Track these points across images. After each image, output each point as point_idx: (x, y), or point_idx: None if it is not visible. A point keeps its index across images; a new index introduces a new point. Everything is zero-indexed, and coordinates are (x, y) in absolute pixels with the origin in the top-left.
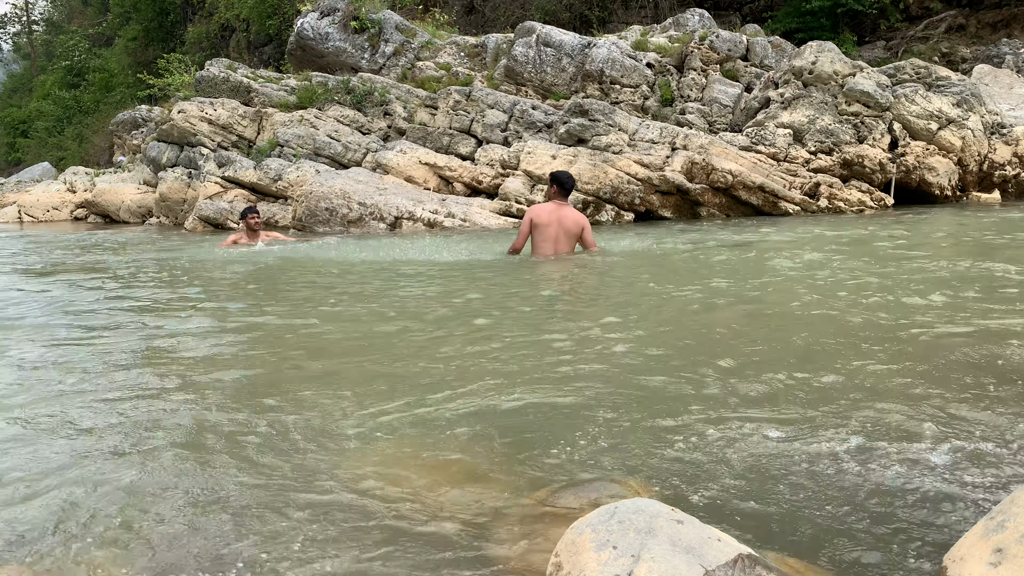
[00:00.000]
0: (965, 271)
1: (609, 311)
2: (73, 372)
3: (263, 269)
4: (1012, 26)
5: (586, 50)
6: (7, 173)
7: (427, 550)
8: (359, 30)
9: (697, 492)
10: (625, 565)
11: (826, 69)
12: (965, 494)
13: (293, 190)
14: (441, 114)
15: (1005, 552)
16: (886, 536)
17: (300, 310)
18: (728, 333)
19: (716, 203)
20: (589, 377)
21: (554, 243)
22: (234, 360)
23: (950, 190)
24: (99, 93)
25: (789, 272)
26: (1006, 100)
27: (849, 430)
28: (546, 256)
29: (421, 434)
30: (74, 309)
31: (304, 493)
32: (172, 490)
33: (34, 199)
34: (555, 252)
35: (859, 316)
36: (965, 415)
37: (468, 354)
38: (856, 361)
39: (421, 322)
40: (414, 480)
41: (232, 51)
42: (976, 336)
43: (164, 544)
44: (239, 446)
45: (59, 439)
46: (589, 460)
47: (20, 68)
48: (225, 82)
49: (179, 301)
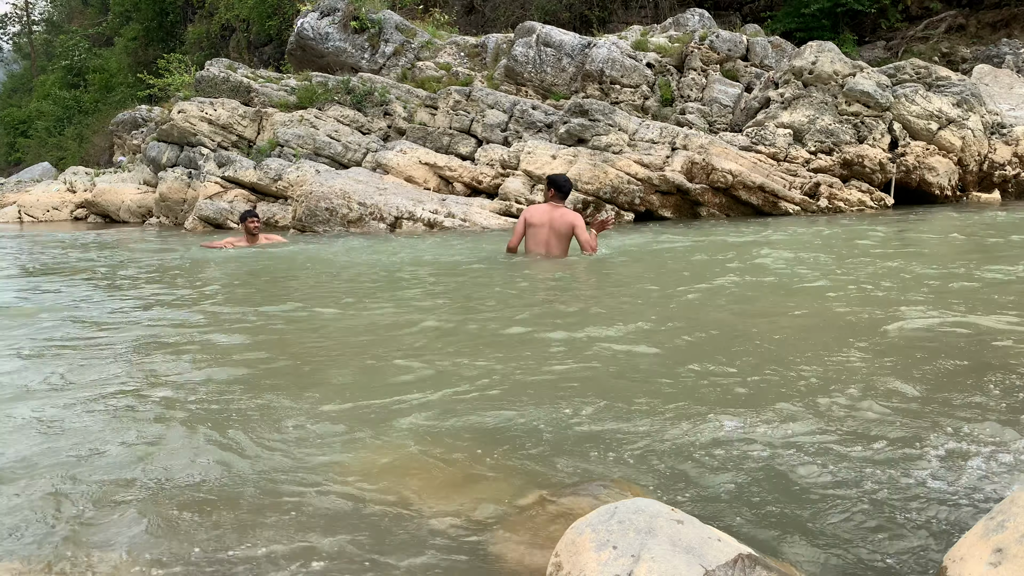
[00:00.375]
0: (964, 270)
1: (607, 311)
2: (70, 371)
3: (257, 270)
4: (1012, 26)
5: (586, 50)
6: (7, 173)
7: (427, 550)
8: (359, 30)
9: (697, 492)
10: (625, 565)
11: (826, 69)
12: (965, 494)
13: (293, 190)
14: (441, 114)
15: (1005, 552)
16: (886, 536)
17: (295, 311)
18: (727, 333)
19: (716, 203)
20: (588, 377)
21: (545, 244)
22: (231, 360)
23: (950, 190)
24: (99, 93)
25: (789, 271)
26: (1006, 100)
27: (848, 430)
28: (538, 256)
29: (420, 435)
30: (59, 307)
31: (302, 494)
32: (168, 489)
33: (34, 199)
34: (547, 252)
35: (858, 316)
36: (965, 415)
37: (466, 355)
38: (855, 361)
39: (418, 323)
40: (413, 481)
41: (232, 51)
42: (976, 336)
43: (163, 543)
44: (235, 448)
45: (51, 436)
46: (589, 460)
47: (20, 68)
48: (225, 82)
49: (166, 301)
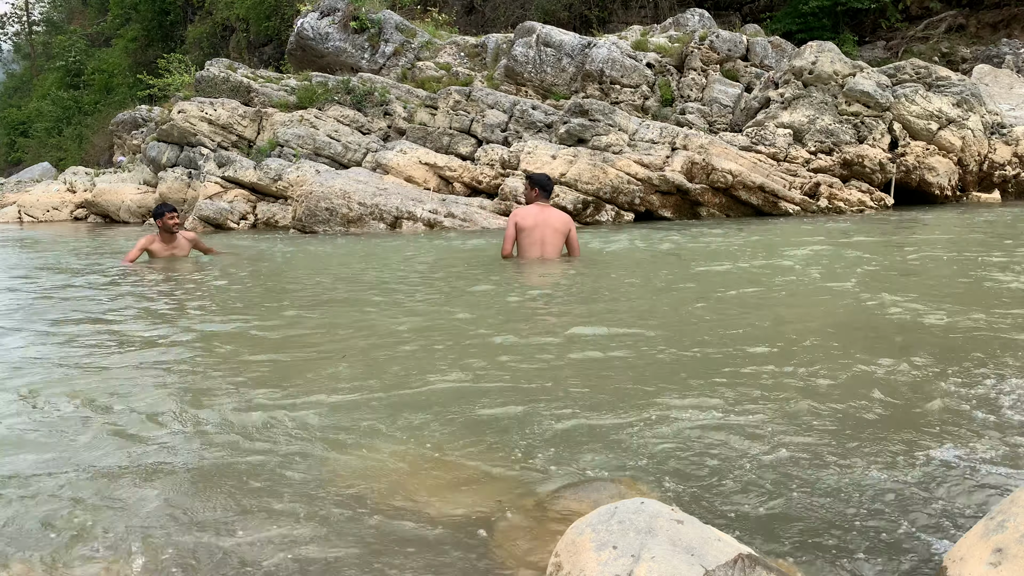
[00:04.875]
0: (966, 270)
1: (605, 312)
2: (67, 369)
3: (255, 270)
4: (1012, 26)
5: (586, 50)
6: (7, 173)
7: (427, 551)
8: (359, 30)
9: (697, 492)
10: (625, 565)
11: (826, 69)
12: (965, 494)
13: (293, 190)
14: (441, 114)
15: (1005, 552)
16: (886, 536)
17: (291, 313)
18: (726, 334)
19: (716, 203)
20: (588, 378)
21: (540, 246)
22: (229, 360)
23: (950, 190)
24: (99, 93)
25: (788, 271)
26: (1006, 100)
27: (848, 430)
28: (533, 259)
29: (419, 435)
30: (41, 308)
31: (301, 495)
32: (167, 489)
33: (34, 199)
34: (542, 255)
35: (857, 315)
36: (964, 414)
37: (464, 356)
38: (855, 361)
39: (418, 324)
40: (413, 481)
41: (232, 51)
42: (976, 336)
43: (162, 542)
44: (234, 448)
45: (51, 439)
46: (589, 460)
47: (20, 68)
48: (225, 82)
49: (149, 306)
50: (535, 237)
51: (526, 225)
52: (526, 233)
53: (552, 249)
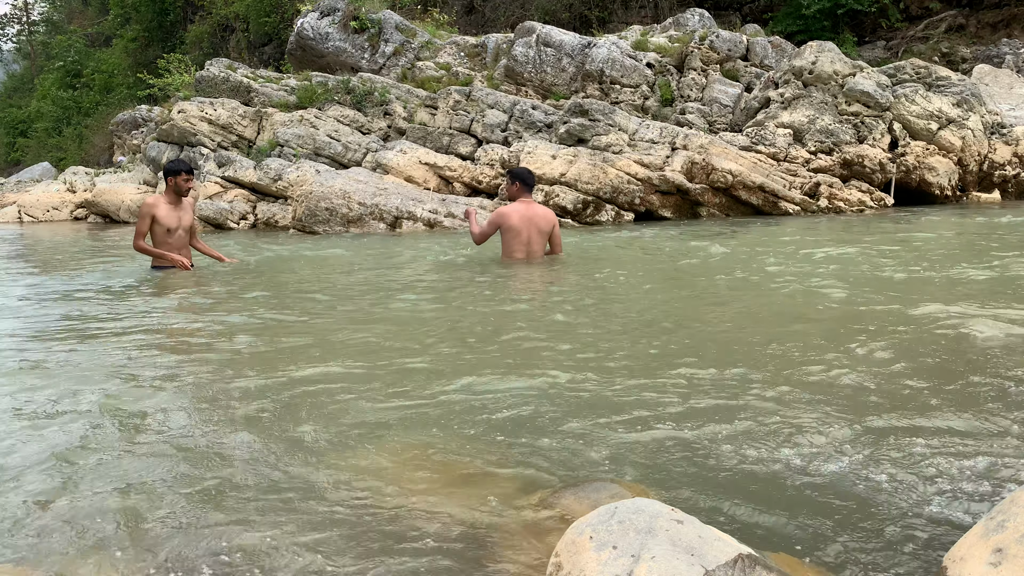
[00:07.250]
0: (965, 268)
1: (604, 311)
2: (65, 368)
3: (255, 269)
4: (1012, 26)
5: (586, 50)
6: (7, 173)
7: (427, 551)
8: (359, 30)
9: (697, 492)
10: (625, 565)
11: (826, 69)
12: (965, 494)
13: (293, 190)
14: (441, 114)
15: (1005, 552)
16: (886, 536)
17: (290, 312)
18: (725, 334)
19: (716, 203)
20: (588, 378)
21: (527, 245)
22: (227, 361)
23: (950, 190)
24: (99, 93)
25: (787, 271)
26: (1006, 100)
27: (847, 429)
28: (518, 260)
29: (419, 436)
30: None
31: (300, 495)
32: (166, 488)
33: (34, 199)
34: (527, 255)
35: (857, 314)
36: (964, 414)
37: (463, 357)
38: (854, 361)
39: (417, 324)
40: (412, 481)
41: (232, 51)
42: (977, 336)
43: (161, 542)
44: (234, 448)
45: (49, 436)
46: (589, 460)
47: (20, 68)
48: (225, 82)
49: (151, 305)
50: (522, 239)
51: (512, 224)
52: (513, 234)
53: (538, 249)
